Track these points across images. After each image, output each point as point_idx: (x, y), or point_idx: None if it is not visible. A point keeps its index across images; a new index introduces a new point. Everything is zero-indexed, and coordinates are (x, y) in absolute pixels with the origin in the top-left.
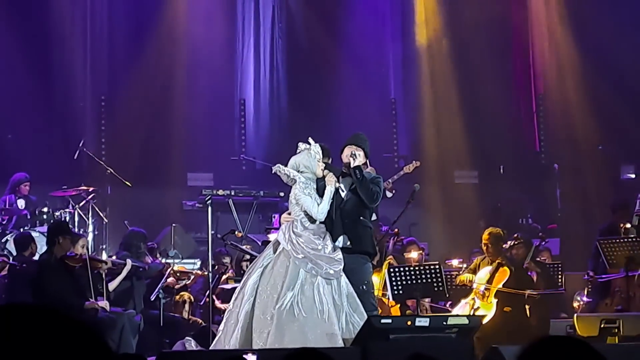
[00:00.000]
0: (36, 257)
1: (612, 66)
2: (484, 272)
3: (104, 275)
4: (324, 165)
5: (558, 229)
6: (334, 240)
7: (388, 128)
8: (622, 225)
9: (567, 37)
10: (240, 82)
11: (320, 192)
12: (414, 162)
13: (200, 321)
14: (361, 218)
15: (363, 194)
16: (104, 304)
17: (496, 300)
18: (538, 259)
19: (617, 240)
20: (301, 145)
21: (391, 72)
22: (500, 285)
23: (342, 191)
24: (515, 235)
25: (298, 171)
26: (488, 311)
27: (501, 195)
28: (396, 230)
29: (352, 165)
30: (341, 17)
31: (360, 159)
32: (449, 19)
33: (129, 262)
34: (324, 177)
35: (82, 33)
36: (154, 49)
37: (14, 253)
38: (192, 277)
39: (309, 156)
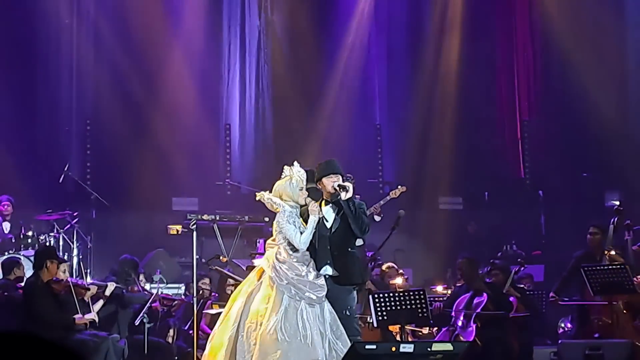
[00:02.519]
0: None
1: (595, 93)
2: (462, 298)
3: (88, 301)
4: (307, 193)
5: (542, 256)
6: (318, 268)
7: (373, 154)
8: (607, 252)
9: (552, 64)
10: (225, 107)
11: (304, 217)
12: (399, 187)
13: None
14: (349, 249)
15: (356, 226)
16: (93, 315)
17: (475, 325)
18: (522, 286)
19: (602, 268)
20: (286, 170)
21: (376, 98)
22: (479, 310)
23: (326, 221)
24: (491, 261)
25: (281, 199)
26: (466, 337)
27: (486, 222)
28: (372, 255)
29: (344, 198)
30: (326, 44)
31: (351, 190)
32: (434, 47)
33: (111, 283)
34: (307, 204)
35: (68, 57)
36: (139, 72)
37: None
38: (176, 302)
39: (290, 185)
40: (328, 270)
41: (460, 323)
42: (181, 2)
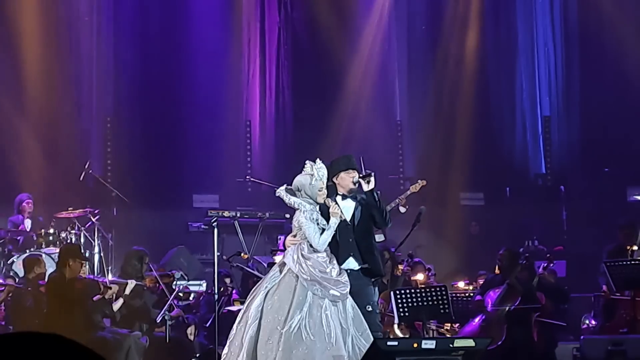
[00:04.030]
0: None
1: (617, 87)
2: (494, 292)
3: (109, 299)
4: (327, 192)
5: (564, 251)
6: (341, 261)
7: (394, 150)
8: (629, 247)
9: (572, 58)
10: (245, 103)
11: (323, 213)
12: (419, 181)
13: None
14: (373, 242)
15: (379, 218)
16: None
17: (505, 325)
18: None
19: (624, 263)
20: (307, 167)
21: (397, 94)
22: (511, 309)
23: (343, 216)
24: (527, 255)
25: (300, 192)
26: (497, 334)
27: (507, 217)
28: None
29: (367, 189)
30: (346, 40)
31: (373, 182)
32: (454, 41)
33: (131, 281)
34: (327, 205)
35: (88, 55)
36: (159, 70)
37: (20, 274)
38: (194, 296)
39: (310, 185)
40: (351, 263)
41: (489, 317)
42: None
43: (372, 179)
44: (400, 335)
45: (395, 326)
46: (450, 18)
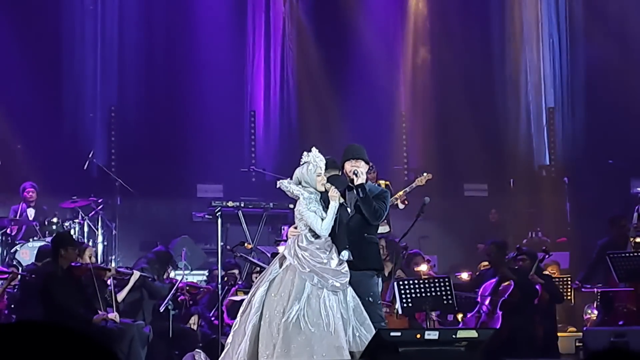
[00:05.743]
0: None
1: (622, 79)
2: (489, 284)
3: (111, 285)
4: (327, 179)
5: (568, 243)
6: (337, 253)
7: (398, 141)
8: (632, 239)
9: (577, 50)
10: (250, 93)
11: (325, 204)
12: (424, 174)
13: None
14: (366, 235)
15: (366, 212)
16: (113, 315)
17: (502, 312)
18: (546, 272)
19: (627, 255)
20: (304, 156)
21: (401, 85)
22: (505, 297)
23: (348, 208)
24: (518, 247)
25: (301, 184)
26: (493, 324)
27: (511, 209)
28: (404, 245)
29: (355, 183)
30: (352, 30)
31: (363, 176)
32: (459, 33)
33: (136, 272)
34: (327, 190)
35: (93, 44)
36: (163, 60)
37: (23, 263)
38: (202, 290)
39: (307, 171)
40: (345, 255)
41: (485, 309)
42: None
43: (362, 174)
44: None
45: None
46: (455, 9)
